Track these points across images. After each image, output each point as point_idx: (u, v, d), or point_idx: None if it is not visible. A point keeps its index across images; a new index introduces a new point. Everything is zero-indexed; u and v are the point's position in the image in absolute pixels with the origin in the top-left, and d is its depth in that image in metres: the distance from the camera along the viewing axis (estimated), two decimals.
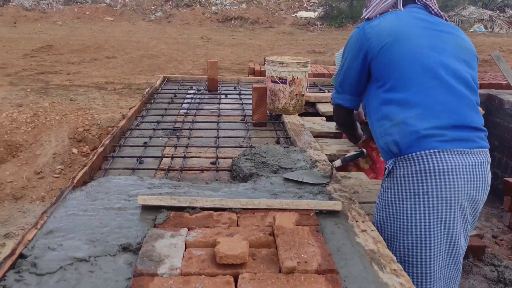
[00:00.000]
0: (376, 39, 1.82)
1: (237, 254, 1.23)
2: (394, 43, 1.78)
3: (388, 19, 1.85)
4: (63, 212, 1.58)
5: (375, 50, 1.81)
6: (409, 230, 1.70)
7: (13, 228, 4.16)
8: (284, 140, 2.65)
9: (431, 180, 1.66)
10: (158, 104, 3.41)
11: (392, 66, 1.77)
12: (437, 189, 1.66)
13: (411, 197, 1.70)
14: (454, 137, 1.68)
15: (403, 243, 1.72)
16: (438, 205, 1.66)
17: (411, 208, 1.70)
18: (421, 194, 1.68)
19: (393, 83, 1.77)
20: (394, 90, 1.77)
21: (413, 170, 1.69)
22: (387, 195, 1.78)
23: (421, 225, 1.68)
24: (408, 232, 1.71)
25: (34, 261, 1.27)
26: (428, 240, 1.68)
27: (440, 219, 1.67)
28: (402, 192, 1.72)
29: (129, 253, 1.33)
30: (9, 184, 4.85)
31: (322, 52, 12.75)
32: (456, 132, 1.69)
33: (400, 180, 1.73)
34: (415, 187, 1.69)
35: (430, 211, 1.67)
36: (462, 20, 18.97)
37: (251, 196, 1.75)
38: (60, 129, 5.68)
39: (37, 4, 20.40)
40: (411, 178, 1.69)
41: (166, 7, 21.17)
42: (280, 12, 21.71)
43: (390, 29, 1.81)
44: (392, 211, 1.75)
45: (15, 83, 8.18)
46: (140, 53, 11.83)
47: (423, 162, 1.67)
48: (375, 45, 1.81)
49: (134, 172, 2.09)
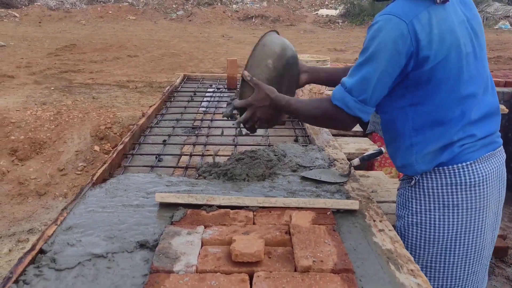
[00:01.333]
0: (427, 44, 1.42)
1: (252, 252, 1.23)
2: (449, 56, 1.46)
3: (439, 14, 1.44)
4: (82, 209, 1.60)
5: (425, 60, 1.44)
6: (436, 240, 1.64)
7: (37, 224, 4.25)
8: (303, 138, 2.64)
9: (461, 192, 1.59)
10: (178, 102, 3.44)
11: (437, 87, 1.50)
12: (467, 201, 1.59)
13: (440, 209, 1.62)
14: (483, 143, 1.62)
15: (428, 251, 1.66)
16: (468, 215, 1.60)
17: (439, 219, 1.62)
18: (450, 206, 1.60)
19: (430, 108, 1.54)
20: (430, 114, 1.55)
21: (443, 183, 1.60)
22: (412, 205, 1.68)
23: (449, 235, 1.62)
24: (434, 242, 1.64)
25: (54, 256, 1.29)
26: (454, 250, 1.63)
27: (470, 229, 1.62)
28: (430, 204, 1.63)
29: (146, 250, 1.35)
30: (33, 181, 4.95)
31: (343, 50, 12.67)
32: (484, 139, 1.62)
33: (429, 191, 1.63)
34: (445, 199, 1.61)
35: (459, 222, 1.61)
36: (487, 17, 18.63)
37: (268, 195, 1.75)
38: (83, 126, 5.77)
39: (61, 4, 20.76)
40: (440, 190, 1.61)
41: (188, 6, 21.31)
42: (301, 10, 21.65)
43: (443, 34, 1.44)
44: (417, 220, 1.66)
45: (40, 82, 8.35)
46: (161, 51, 11.94)
47: (454, 175, 1.59)
48: (425, 53, 1.43)
49: (152, 169, 2.11)
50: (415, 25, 1.40)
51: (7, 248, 3.83)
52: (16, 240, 3.96)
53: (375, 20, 1.48)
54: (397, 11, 1.43)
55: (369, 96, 1.51)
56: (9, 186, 4.89)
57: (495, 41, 14.42)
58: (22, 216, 4.40)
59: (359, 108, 1.54)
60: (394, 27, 1.41)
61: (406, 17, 1.41)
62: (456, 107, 1.54)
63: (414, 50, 1.42)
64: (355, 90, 1.53)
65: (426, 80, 1.48)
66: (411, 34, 1.40)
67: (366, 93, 1.51)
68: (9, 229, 4.17)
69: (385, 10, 1.47)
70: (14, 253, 3.79)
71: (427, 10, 1.42)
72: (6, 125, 5.64)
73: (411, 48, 1.42)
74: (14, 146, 5.35)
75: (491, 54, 11.71)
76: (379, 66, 1.46)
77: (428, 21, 1.42)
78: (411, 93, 1.52)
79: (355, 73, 1.53)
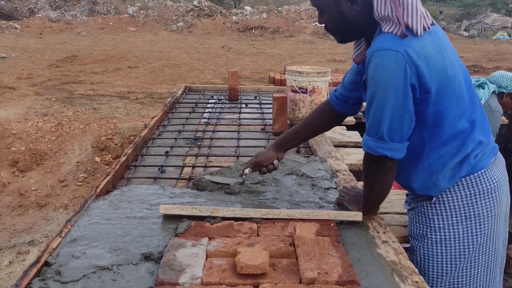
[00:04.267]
0: (427, 70, 1.42)
1: (257, 264, 1.23)
2: (446, 81, 1.47)
3: (426, 40, 1.44)
4: (86, 221, 1.60)
5: (428, 84, 1.43)
6: (463, 254, 1.62)
7: (37, 235, 4.24)
8: (305, 149, 2.65)
9: (480, 201, 1.60)
10: (180, 113, 3.45)
11: (445, 105, 1.49)
12: (487, 208, 1.60)
13: (463, 221, 1.61)
14: (489, 148, 1.64)
15: (456, 267, 1.63)
16: (488, 223, 1.61)
17: (463, 232, 1.61)
18: (473, 217, 1.60)
19: (443, 126, 1.53)
20: (444, 132, 1.54)
21: (463, 194, 1.60)
22: (433, 222, 1.64)
23: (475, 246, 1.61)
24: (461, 257, 1.62)
25: (59, 269, 1.29)
26: (479, 260, 1.63)
27: (490, 237, 1.63)
28: (453, 218, 1.61)
29: (151, 262, 1.35)
30: (34, 192, 4.95)
31: (342, 60, 12.73)
32: (488, 144, 1.64)
33: (450, 206, 1.62)
34: (466, 210, 1.60)
35: (482, 232, 1.61)
36: (485, 27, 18.74)
37: (272, 206, 1.76)
38: (84, 138, 5.78)
39: (62, 16, 20.87)
40: (461, 202, 1.60)
41: (188, 17, 21.42)
42: (300, 21, 21.78)
43: (436, 56, 1.44)
44: (441, 237, 1.63)
45: (41, 93, 8.37)
46: (161, 62, 11.99)
47: (472, 185, 1.59)
48: (426, 78, 1.42)
49: (155, 181, 2.11)
50: (410, 53, 1.39)
51: (7, 260, 3.82)
52: (17, 252, 3.94)
53: (368, 56, 1.45)
54: (388, 44, 1.41)
55: (386, 133, 1.47)
56: (10, 197, 4.88)
57: (494, 51, 14.49)
58: (23, 228, 4.39)
59: (380, 146, 1.49)
60: (389, 60, 1.39)
61: (399, 48, 1.39)
62: (464, 119, 1.54)
63: (415, 77, 1.41)
64: (371, 129, 1.51)
65: (435, 102, 1.47)
66: (408, 62, 1.38)
67: (381, 129, 1.47)
68: (9, 240, 4.16)
69: (376, 45, 1.44)
70: (15, 265, 3.77)
71: (416, 38, 1.42)
72: (7, 137, 5.64)
73: (412, 76, 1.40)
74: (15, 157, 5.35)
75: (489, 64, 11.78)
76: (386, 101, 1.43)
77: (422, 47, 1.41)
78: (424, 116, 1.50)
79: (367, 113, 1.52)
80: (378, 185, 1.60)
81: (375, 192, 1.62)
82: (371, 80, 1.45)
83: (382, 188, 1.61)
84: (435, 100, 1.47)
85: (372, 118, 1.49)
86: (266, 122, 3.18)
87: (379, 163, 1.53)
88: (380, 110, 1.45)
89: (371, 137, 1.51)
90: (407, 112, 1.44)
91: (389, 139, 1.47)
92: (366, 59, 1.47)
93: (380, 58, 1.41)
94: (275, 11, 23.02)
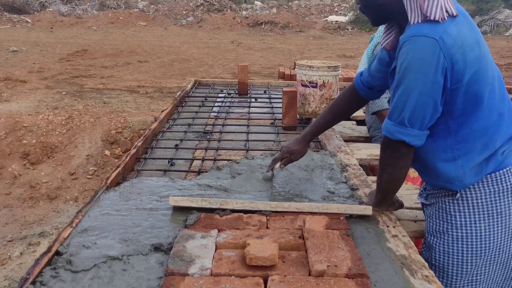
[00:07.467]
0: (462, 59, 1.39)
1: (266, 256, 1.24)
2: (479, 72, 1.43)
3: (464, 26, 1.41)
4: (97, 212, 1.62)
5: (459, 78, 1.41)
6: (483, 252, 1.60)
7: (48, 227, 4.28)
8: (314, 144, 2.64)
9: (504, 199, 1.58)
10: (189, 107, 3.45)
11: (477, 95, 1.46)
12: (509, 206, 1.58)
13: (485, 219, 1.59)
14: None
15: (475, 264, 1.61)
16: (509, 221, 1.59)
17: (485, 230, 1.59)
18: (495, 214, 1.58)
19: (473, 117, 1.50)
20: (473, 123, 1.51)
21: (487, 191, 1.58)
22: (456, 219, 1.61)
23: (495, 245, 1.59)
24: (481, 254, 1.60)
25: (70, 258, 1.31)
26: (498, 258, 1.61)
27: (510, 235, 1.60)
28: (475, 215, 1.59)
29: (161, 253, 1.36)
30: (44, 185, 4.99)
31: (352, 56, 12.65)
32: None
33: (473, 203, 1.59)
34: (489, 208, 1.58)
35: (503, 230, 1.59)
36: (497, 24, 18.53)
37: (281, 199, 1.76)
38: (94, 131, 5.81)
39: (72, 10, 20.96)
40: (485, 200, 1.58)
41: (198, 12, 21.41)
42: (310, 16, 21.69)
43: (472, 44, 1.41)
44: (462, 234, 1.61)
45: (51, 87, 8.42)
46: (171, 57, 12.01)
47: (497, 182, 1.57)
48: (460, 66, 1.39)
49: (165, 173, 2.12)
50: (445, 40, 1.36)
51: (18, 251, 3.86)
52: (28, 244, 3.99)
53: (401, 42, 1.43)
54: (423, 31, 1.38)
55: (407, 117, 1.46)
56: (21, 189, 4.93)
57: (506, 48, 14.33)
58: (34, 220, 4.43)
59: (398, 131, 1.48)
60: (423, 47, 1.37)
61: (435, 34, 1.36)
62: (495, 111, 1.52)
63: (449, 66, 1.38)
64: (393, 113, 1.50)
65: (465, 91, 1.44)
66: (443, 50, 1.36)
67: (403, 114, 1.46)
68: (20, 232, 4.20)
69: (411, 31, 1.41)
70: (26, 256, 3.81)
71: (453, 23, 1.39)
72: (18, 129, 5.69)
73: (445, 64, 1.37)
74: (26, 150, 5.40)
75: (502, 61, 11.64)
76: (413, 86, 1.42)
77: (458, 33, 1.38)
78: (453, 106, 1.48)
79: (392, 98, 1.52)
80: (389, 169, 1.58)
81: (386, 177, 1.61)
82: (401, 65, 1.43)
83: (393, 174, 1.59)
84: (466, 89, 1.44)
85: (396, 102, 1.48)
86: (275, 116, 3.18)
87: (395, 147, 1.52)
88: (405, 95, 1.44)
89: (391, 121, 1.51)
90: (432, 100, 1.43)
91: (410, 124, 1.47)
92: (399, 44, 1.45)
93: (413, 44, 1.39)
94: (285, 6, 22.94)
